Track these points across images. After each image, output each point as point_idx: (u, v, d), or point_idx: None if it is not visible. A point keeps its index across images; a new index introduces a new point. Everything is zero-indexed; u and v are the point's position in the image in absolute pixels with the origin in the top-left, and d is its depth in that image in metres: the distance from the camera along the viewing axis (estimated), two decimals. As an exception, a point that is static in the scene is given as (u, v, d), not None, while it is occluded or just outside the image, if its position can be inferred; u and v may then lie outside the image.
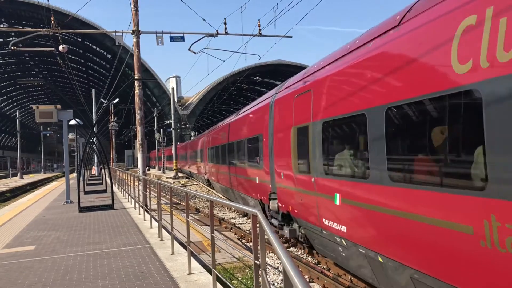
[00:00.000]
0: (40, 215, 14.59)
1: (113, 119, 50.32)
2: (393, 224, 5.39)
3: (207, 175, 27.08)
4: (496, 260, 3.82)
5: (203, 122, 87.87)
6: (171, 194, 8.62)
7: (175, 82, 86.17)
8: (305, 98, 8.60)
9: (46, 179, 53.84)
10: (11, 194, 34.07)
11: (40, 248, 8.91)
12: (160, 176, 45.63)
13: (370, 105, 5.89)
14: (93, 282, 6.31)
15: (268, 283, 3.25)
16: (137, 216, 13.43)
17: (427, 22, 4.92)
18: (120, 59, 34.56)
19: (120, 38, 20.14)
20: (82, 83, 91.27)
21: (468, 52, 4.16)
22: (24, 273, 6.99)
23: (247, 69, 59.49)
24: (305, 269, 8.79)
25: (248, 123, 14.47)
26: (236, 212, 18.24)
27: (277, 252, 2.56)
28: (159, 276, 6.46)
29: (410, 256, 5.16)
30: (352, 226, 6.61)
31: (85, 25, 56.80)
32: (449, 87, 4.38)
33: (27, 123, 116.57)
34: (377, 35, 6.18)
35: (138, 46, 18.16)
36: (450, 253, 4.44)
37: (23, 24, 62.43)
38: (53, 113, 17.22)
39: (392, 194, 5.39)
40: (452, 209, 4.37)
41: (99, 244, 9.07)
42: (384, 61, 5.70)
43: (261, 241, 3.79)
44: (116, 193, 21.69)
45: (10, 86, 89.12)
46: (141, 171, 18.17)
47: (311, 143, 8.13)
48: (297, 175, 9.10)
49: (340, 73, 7.06)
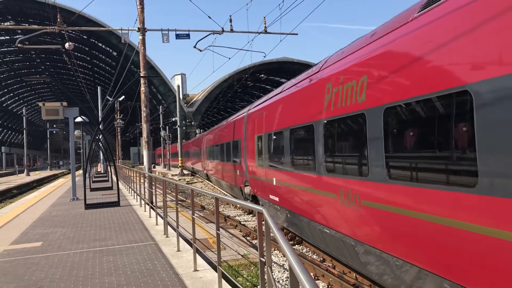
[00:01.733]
0: (46, 212, 14.68)
1: (119, 117, 50.47)
2: (297, 193, 9.61)
3: (205, 171, 31.10)
4: (345, 209, 6.97)
5: (208, 120, 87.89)
6: (176, 191, 8.65)
7: (180, 80, 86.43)
8: (260, 117, 13.09)
9: (52, 176, 54.15)
10: (18, 191, 34.31)
11: (47, 245, 8.97)
12: (165, 173, 45.74)
13: (287, 125, 10.12)
14: (99, 278, 6.34)
15: (274, 280, 3.24)
16: (143, 213, 13.48)
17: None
18: (126, 56, 34.62)
19: (126, 36, 20.18)
20: (88, 80, 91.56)
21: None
22: (31, 269, 7.04)
23: (253, 66, 59.42)
24: (310, 266, 8.78)
25: (232, 129, 18.45)
26: (241, 210, 18.25)
27: (283, 250, 2.56)
28: (165, 273, 6.48)
29: (301, 208, 9.47)
30: (280, 197, 11.10)
31: (91, 23, 56.98)
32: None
33: (33, 121, 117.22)
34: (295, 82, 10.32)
35: (143, 44, 18.19)
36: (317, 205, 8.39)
37: (30, 21, 62.68)
38: (59, 110, 17.28)
39: (294, 176, 9.62)
40: (304, 180, 8.95)
41: (105, 241, 9.12)
42: (289, 100, 10.35)
43: (266, 238, 3.79)
44: (121, 190, 21.78)
45: (17, 84, 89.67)
46: (147, 168, 18.21)
47: (263, 146, 12.53)
48: (257, 168, 13.51)
49: (275, 104, 11.55)
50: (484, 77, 4.00)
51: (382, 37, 6.07)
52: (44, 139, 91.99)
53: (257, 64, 56.13)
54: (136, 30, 18.22)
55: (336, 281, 7.82)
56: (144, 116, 18.39)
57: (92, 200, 16.31)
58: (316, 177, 8.18)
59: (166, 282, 6.00)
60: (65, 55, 29.64)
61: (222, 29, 20.03)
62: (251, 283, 7.75)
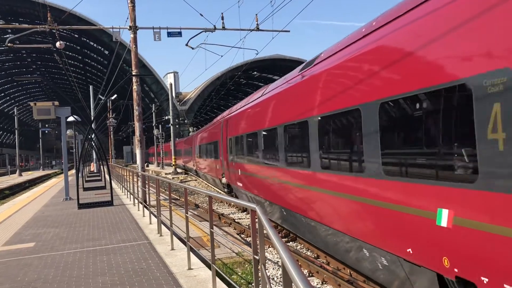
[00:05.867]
0: (39, 212, 14.59)
1: (111, 116, 50.15)
2: (253, 179, 13.21)
3: (195, 167, 34.87)
4: (274, 187, 10.81)
5: (201, 118, 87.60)
6: (170, 190, 8.62)
7: (173, 78, 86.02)
8: (231, 123, 16.97)
9: (45, 176, 53.80)
10: (10, 191, 34.03)
11: (40, 245, 8.92)
12: (159, 172, 45.60)
13: (245, 131, 14.05)
14: (93, 278, 6.31)
15: (268, 277, 3.25)
16: (136, 212, 13.44)
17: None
18: (118, 55, 34.42)
19: (117, 34, 20.06)
20: (80, 79, 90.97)
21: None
22: (23, 270, 6.99)
23: (245, 64, 59.21)
24: (305, 263, 8.80)
25: (213, 132, 22.31)
26: (235, 208, 18.26)
27: (276, 247, 2.55)
28: (159, 272, 6.47)
29: (256, 190, 13.05)
30: (243, 183, 15.07)
31: (82, 21, 56.59)
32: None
33: (25, 120, 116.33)
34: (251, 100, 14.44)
35: (135, 42, 18.10)
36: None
37: (20, 21, 62.12)
38: (51, 110, 17.15)
39: (249, 167, 13.61)
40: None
41: (98, 241, 9.08)
42: (248, 112, 14.01)
43: (260, 236, 3.79)
44: (115, 189, 21.69)
45: (8, 83, 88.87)
46: (140, 167, 18.16)
47: (233, 146, 16.42)
48: (229, 163, 17.43)
49: (240, 114, 15.15)
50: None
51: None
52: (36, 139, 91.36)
53: (249, 61, 55.98)
54: (128, 28, 18.13)
55: (331, 278, 7.85)
56: (136, 114, 18.32)
57: (85, 199, 16.23)
58: (260, 167, 12.34)
59: (160, 281, 5.99)
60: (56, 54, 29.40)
61: (214, 27, 19.98)
62: (246, 280, 7.76)
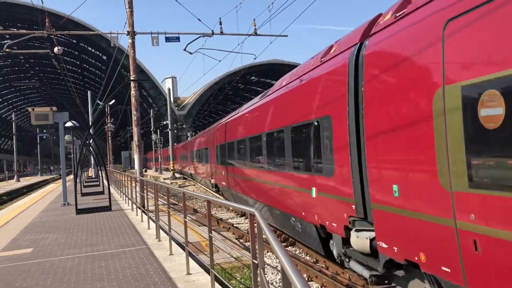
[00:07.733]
0: (37, 218, 14.53)
1: (109, 121, 50.11)
2: (234, 179, 16.87)
3: (190, 171, 37.89)
4: (248, 184, 14.80)
5: (199, 123, 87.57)
6: (168, 195, 8.61)
7: (171, 83, 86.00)
8: (218, 133, 20.45)
9: (43, 181, 53.68)
10: (7, 197, 33.93)
11: (38, 251, 8.88)
12: (157, 177, 45.53)
13: (228, 140, 17.76)
14: (91, 284, 6.28)
15: (267, 282, 3.23)
16: (135, 217, 13.41)
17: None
18: (116, 60, 34.47)
19: (115, 39, 20.06)
20: (78, 84, 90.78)
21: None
22: (21, 276, 6.95)
23: (243, 68, 59.30)
24: (304, 268, 8.78)
25: (205, 140, 25.99)
26: (234, 212, 18.23)
27: (275, 251, 2.55)
28: (157, 277, 6.44)
29: (237, 187, 16.54)
30: (226, 182, 18.58)
31: (80, 27, 56.59)
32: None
33: (23, 126, 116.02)
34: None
35: (133, 47, 18.10)
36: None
37: (18, 26, 62.11)
38: (49, 115, 17.14)
39: (232, 169, 17.20)
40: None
41: (96, 246, 9.04)
42: (230, 125, 17.73)
43: (259, 240, 3.78)
44: (113, 194, 21.64)
45: (6, 89, 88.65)
46: (138, 172, 18.12)
47: (219, 152, 19.75)
48: (217, 165, 21.01)
49: (223, 126, 18.84)
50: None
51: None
52: (34, 145, 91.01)
53: (247, 66, 56.15)
54: (126, 34, 18.12)
55: (330, 282, 7.83)
56: (134, 119, 18.29)
57: (84, 205, 16.19)
58: (235, 169, 16.25)
59: (159, 286, 5.96)
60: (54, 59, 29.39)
61: (212, 32, 20.00)
62: (245, 285, 7.73)
